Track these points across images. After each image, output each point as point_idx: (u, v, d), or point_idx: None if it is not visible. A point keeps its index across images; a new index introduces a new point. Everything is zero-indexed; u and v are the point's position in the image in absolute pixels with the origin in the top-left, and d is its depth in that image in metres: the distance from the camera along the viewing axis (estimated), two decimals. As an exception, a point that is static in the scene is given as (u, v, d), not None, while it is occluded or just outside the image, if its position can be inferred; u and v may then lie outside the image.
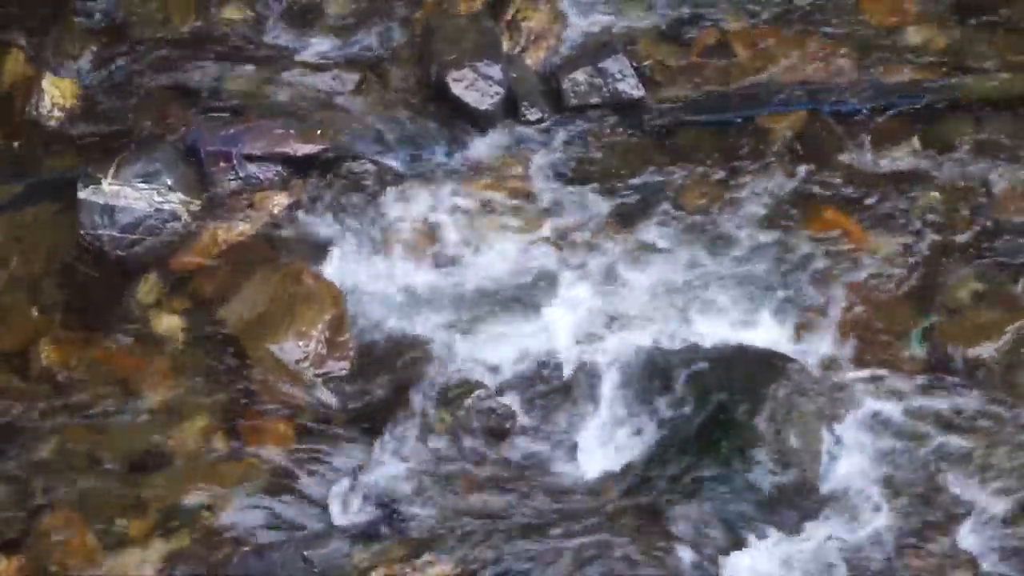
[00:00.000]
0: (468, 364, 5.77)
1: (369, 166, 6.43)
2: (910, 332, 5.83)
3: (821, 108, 6.61)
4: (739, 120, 6.58)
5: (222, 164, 6.39)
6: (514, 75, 6.61)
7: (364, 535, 5.29)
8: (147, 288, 6.09)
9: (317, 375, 5.75)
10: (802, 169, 6.39)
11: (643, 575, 5.17)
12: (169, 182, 6.24)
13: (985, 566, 5.14)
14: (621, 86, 6.61)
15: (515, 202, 6.33)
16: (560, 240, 6.19)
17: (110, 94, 6.79)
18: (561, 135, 6.54)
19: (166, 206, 6.22)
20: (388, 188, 6.38)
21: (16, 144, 6.67)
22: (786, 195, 6.29)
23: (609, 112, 6.60)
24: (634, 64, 6.68)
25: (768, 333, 5.80)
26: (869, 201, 6.26)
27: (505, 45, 6.77)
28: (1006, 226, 6.15)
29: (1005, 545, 5.19)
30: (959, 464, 5.40)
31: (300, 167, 6.44)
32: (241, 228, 6.27)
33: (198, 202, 6.30)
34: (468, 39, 6.63)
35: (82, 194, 6.19)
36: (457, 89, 6.52)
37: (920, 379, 5.66)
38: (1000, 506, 5.28)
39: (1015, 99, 6.59)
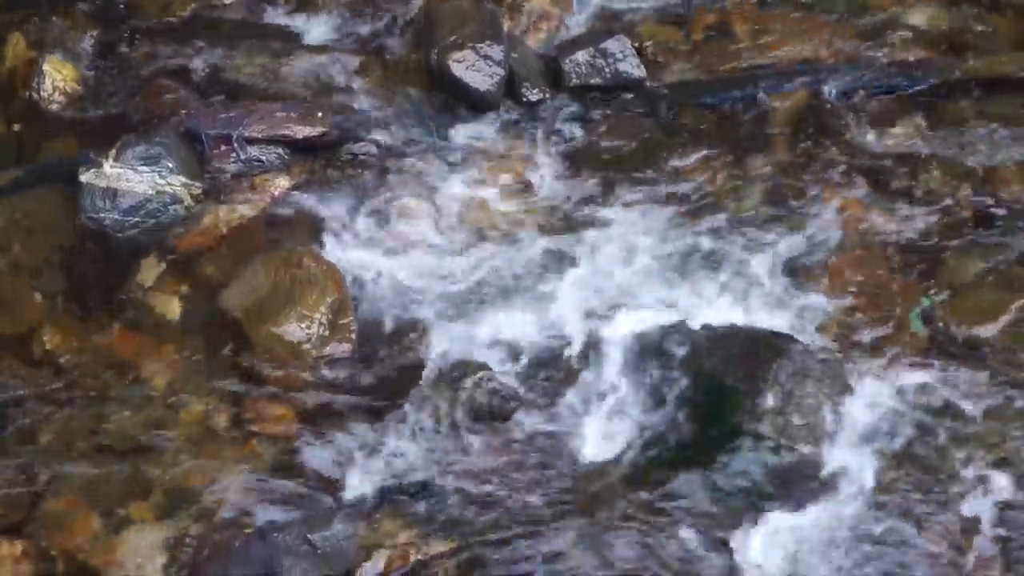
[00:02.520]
0: (471, 346, 5.78)
1: (370, 148, 6.44)
2: (912, 311, 5.83)
3: (822, 88, 6.60)
4: (740, 99, 6.59)
5: (223, 147, 6.40)
6: (515, 56, 6.61)
7: (367, 516, 5.29)
8: (149, 271, 6.09)
9: (319, 358, 5.76)
10: (803, 149, 6.39)
11: (647, 555, 5.16)
12: (170, 165, 6.24)
13: (989, 542, 5.15)
14: (622, 66, 6.61)
15: (516, 183, 6.34)
16: (561, 220, 6.19)
17: (111, 77, 6.79)
18: (562, 116, 6.54)
19: (168, 189, 6.22)
20: (389, 170, 6.39)
21: (17, 128, 6.67)
22: (787, 175, 6.29)
23: (610, 93, 6.60)
24: (635, 45, 6.70)
25: (770, 313, 5.80)
26: (871, 181, 6.27)
27: (506, 26, 6.78)
28: (1008, 205, 6.15)
29: (1008, 521, 5.20)
30: (962, 442, 5.40)
31: (301, 150, 6.44)
32: (242, 211, 6.27)
33: (199, 185, 6.30)
34: (469, 20, 6.63)
35: (84, 177, 6.19)
36: (458, 70, 6.52)
37: (922, 358, 5.66)
38: (1003, 482, 5.28)
39: (1017, 78, 6.58)
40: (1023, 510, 5.22)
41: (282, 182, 6.36)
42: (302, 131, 6.44)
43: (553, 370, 5.73)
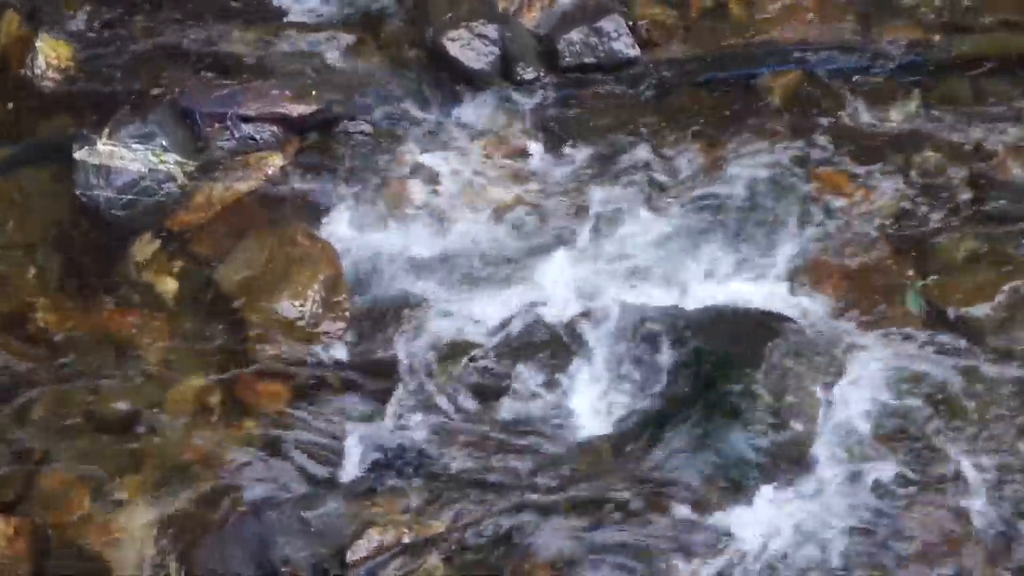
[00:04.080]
0: (463, 323, 5.78)
1: (364, 126, 6.43)
2: (906, 291, 5.84)
3: (818, 68, 6.60)
4: (735, 80, 6.58)
5: (217, 125, 6.39)
6: (509, 35, 6.61)
7: (360, 494, 5.30)
8: (143, 249, 6.09)
9: (313, 335, 5.76)
10: (799, 129, 6.39)
11: (640, 533, 5.17)
12: (164, 143, 6.23)
13: (980, 520, 5.16)
14: (616, 45, 6.60)
15: (510, 161, 6.33)
16: (555, 198, 6.19)
17: (105, 55, 6.78)
18: (556, 94, 6.54)
19: (161, 167, 6.22)
20: (384, 148, 6.38)
21: (11, 106, 6.65)
22: (782, 154, 6.29)
23: (604, 71, 6.59)
24: (629, 24, 6.69)
25: (764, 292, 5.81)
26: (866, 160, 6.26)
27: (500, 5, 6.77)
28: (1003, 185, 6.14)
29: (1000, 499, 5.21)
30: (954, 421, 5.41)
31: (295, 127, 6.44)
32: (237, 189, 6.26)
33: (193, 163, 6.29)
34: (464, -1, 6.65)
35: (78, 155, 6.19)
36: (453, 49, 6.51)
37: (916, 337, 5.66)
38: (995, 461, 5.29)
39: (1013, 58, 6.58)
40: (1015, 488, 5.24)
41: (276, 160, 6.36)
42: (297, 109, 6.44)
43: (546, 348, 5.73)
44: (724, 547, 5.14)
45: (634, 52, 6.62)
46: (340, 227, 6.13)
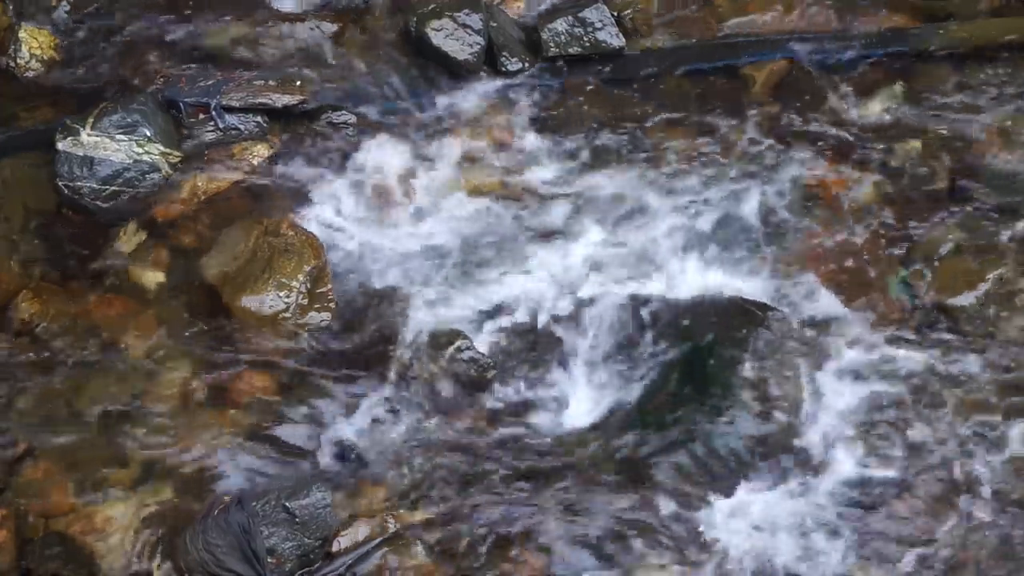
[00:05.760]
0: (449, 314, 5.78)
1: (349, 117, 6.42)
2: (891, 279, 5.85)
3: (802, 57, 6.60)
4: (720, 69, 6.58)
5: (201, 115, 6.37)
6: (494, 25, 6.59)
7: (345, 484, 5.30)
8: (127, 240, 6.08)
9: (298, 326, 5.75)
10: (783, 118, 6.40)
11: (625, 525, 5.18)
12: (148, 133, 6.22)
13: (966, 509, 5.18)
14: (601, 35, 6.60)
15: (495, 152, 6.33)
16: (541, 189, 6.19)
17: (88, 45, 6.75)
18: (541, 85, 6.53)
19: (145, 157, 6.20)
20: (368, 139, 6.38)
21: (-8, 96, 6.66)
22: (766, 144, 6.29)
23: (589, 61, 6.58)
24: (614, 13, 6.67)
25: (749, 282, 5.81)
26: (850, 149, 6.28)
27: (484, -6, 6.77)
28: (986, 174, 6.16)
29: (985, 487, 5.23)
30: (939, 409, 5.43)
31: (280, 118, 6.42)
32: (221, 179, 6.25)
33: (177, 153, 6.28)
34: (448, -12, 6.63)
35: (61, 145, 6.17)
36: (437, 39, 6.50)
37: (900, 326, 5.69)
38: (979, 449, 5.31)
39: (996, 46, 6.59)
40: (1000, 473, 5.26)
41: (261, 150, 6.35)
42: (281, 99, 6.42)
43: (531, 338, 5.74)
44: (711, 536, 5.15)
45: (619, 42, 6.61)
46: (325, 217, 6.12)
